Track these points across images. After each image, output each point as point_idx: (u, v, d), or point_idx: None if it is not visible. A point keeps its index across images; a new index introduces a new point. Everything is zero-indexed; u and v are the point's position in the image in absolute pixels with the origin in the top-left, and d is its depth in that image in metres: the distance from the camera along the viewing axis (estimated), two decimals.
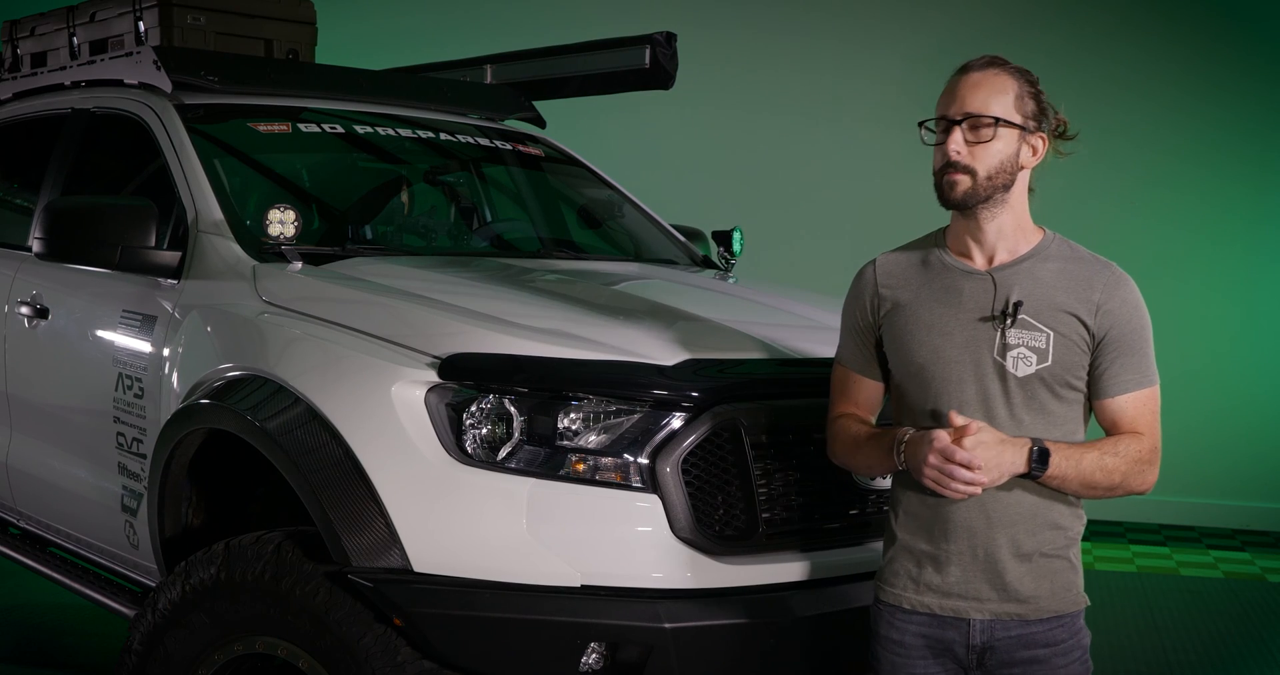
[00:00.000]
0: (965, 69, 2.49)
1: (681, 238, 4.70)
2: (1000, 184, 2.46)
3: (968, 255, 2.53)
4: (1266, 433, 7.65)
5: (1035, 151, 2.50)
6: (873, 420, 2.65)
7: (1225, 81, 7.69)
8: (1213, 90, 7.71)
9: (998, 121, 2.44)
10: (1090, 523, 2.46)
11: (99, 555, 4.13)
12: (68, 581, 4.20)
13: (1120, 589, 6.40)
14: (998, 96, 2.45)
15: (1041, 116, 2.49)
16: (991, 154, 2.44)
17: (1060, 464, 2.38)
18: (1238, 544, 7.43)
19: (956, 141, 2.44)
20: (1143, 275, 2.58)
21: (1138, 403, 2.47)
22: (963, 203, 2.46)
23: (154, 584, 3.57)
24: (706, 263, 4.59)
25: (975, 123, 2.44)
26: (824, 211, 8.13)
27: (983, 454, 2.34)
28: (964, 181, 2.44)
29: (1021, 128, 2.46)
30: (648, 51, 4.71)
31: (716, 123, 8.32)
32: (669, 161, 8.23)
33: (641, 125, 8.09)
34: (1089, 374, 2.47)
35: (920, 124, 2.51)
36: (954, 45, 7.74)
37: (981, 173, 2.44)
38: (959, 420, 2.36)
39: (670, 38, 4.73)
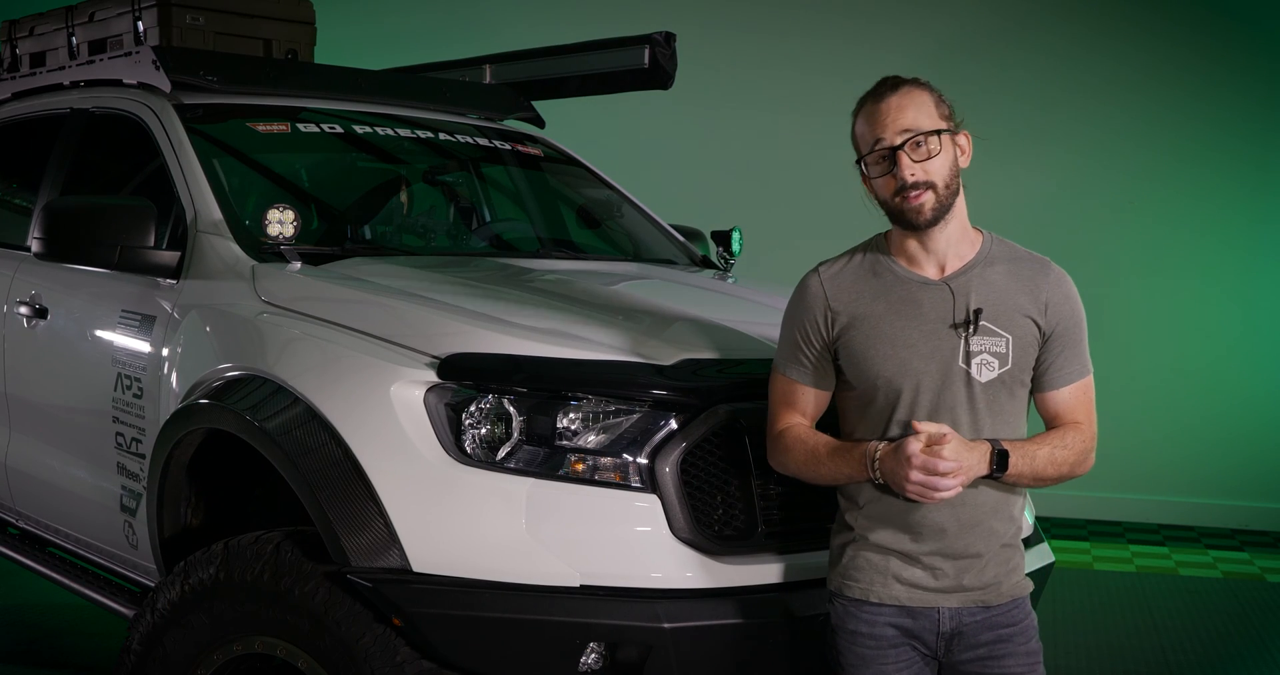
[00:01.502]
0: (876, 97, 2.54)
1: (680, 238, 4.70)
2: (955, 190, 2.53)
3: (919, 266, 2.57)
4: (1266, 433, 7.65)
5: (964, 151, 2.56)
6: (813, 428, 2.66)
7: (1225, 81, 7.69)
8: (1212, 90, 7.71)
9: (939, 133, 2.49)
10: (1090, 522, 2.49)
11: (98, 555, 4.13)
12: (67, 581, 4.19)
13: (1119, 589, 6.40)
14: (924, 110, 2.51)
15: (954, 117, 2.55)
16: (941, 165, 2.50)
17: (1018, 463, 2.47)
18: (1237, 544, 7.43)
19: (907, 164, 2.48)
20: (1143, 275, 2.61)
21: (1078, 392, 2.57)
22: (935, 218, 2.51)
23: (153, 584, 3.56)
24: (705, 263, 4.59)
25: (916, 141, 2.48)
26: (824, 211, 8.08)
27: (959, 459, 2.41)
28: (930, 197, 2.49)
29: (951, 132, 2.52)
30: (647, 51, 4.71)
31: (716, 123, 8.31)
32: (668, 161, 8.22)
33: (641, 125, 8.08)
34: (1034, 369, 2.55)
35: (858, 162, 2.54)
36: (954, 45, 7.76)
37: (940, 183, 2.50)
38: (930, 428, 2.42)
39: (669, 38, 4.73)
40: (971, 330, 2.49)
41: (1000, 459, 2.45)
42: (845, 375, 2.58)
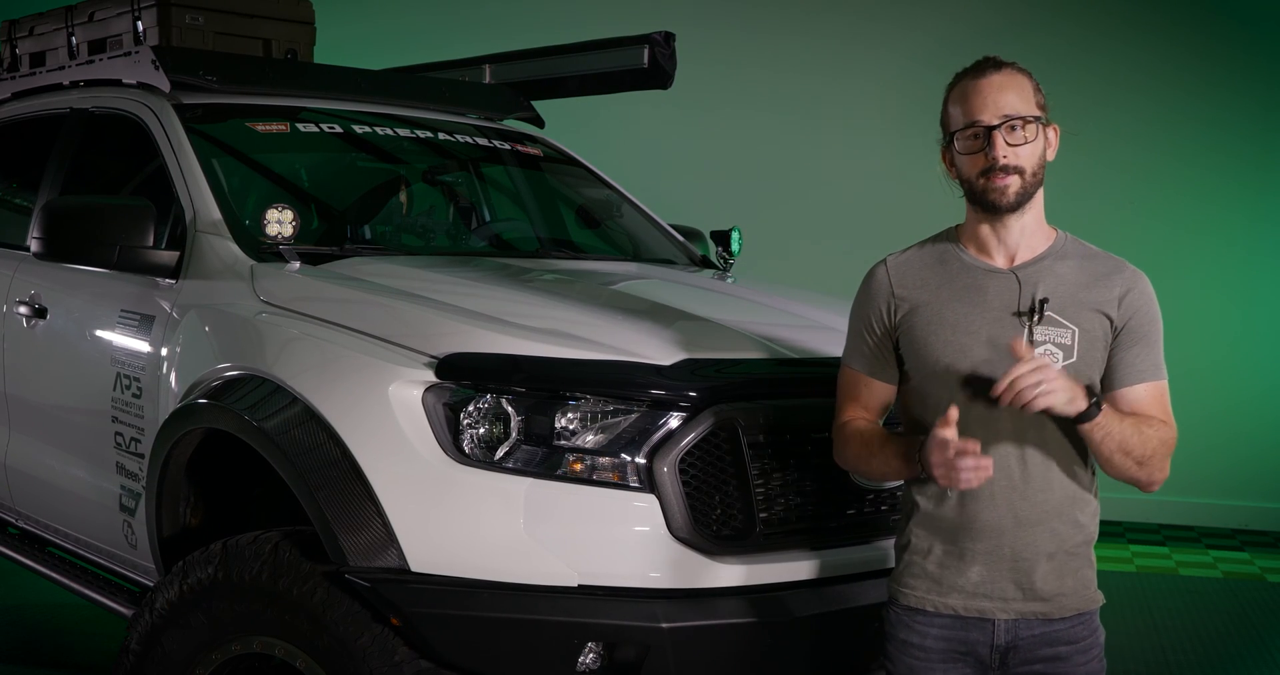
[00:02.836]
0: (979, 72, 2.48)
1: (680, 237, 4.70)
2: (1040, 180, 2.49)
3: (988, 254, 2.52)
4: (1266, 433, 7.64)
5: (1051, 144, 2.52)
6: (880, 423, 2.63)
7: (1225, 81, 7.69)
8: (1212, 90, 7.71)
9: (1038, 120, 2.46)
10: None
11: (97, 555, 4.13)
12: (66, 581, 4.20)
13: (1120, 589, 6.39)
14: (1024, 95, 2.47)
15: (1046, 107, 2.51)
16: (1032, 152, 2.46)
17: (1109, 414, 2.38)
18: (1237, 544, 7.43)
19: (1001, 146, 2.43)
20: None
21: (1154, 393, 2.49)
22: (1017, 204, 2.46)
23: (152, 584, 3.56)
24: (705, 262, 4.58)
25: (1012, 125, 2.44)
26: (823, 211, 8.13)
27: (1050, 375, 2.29)
28: (1015, 182, 2.45)
29: (1045, 122, 2.49)
30: (646, 51, 4.71)
31: (715, 123, 8.31)
32: (668, 161, 8.23)
33: (640, 125, 8.09)
34: (1106, 366, 2.48)
35: (952, 134, 2.49)
36: (954, 45, 7.75)
37: (1028, 170, 2.46)
38: (951, 413, 2.35)
39: (669, 37, 4.73)
40: (1036, 319, 2.43)
41: (1097, 401, 2.34)
42: (906, 365, 2.54)
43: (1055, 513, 2.46)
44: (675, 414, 2.78)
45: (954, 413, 2.35)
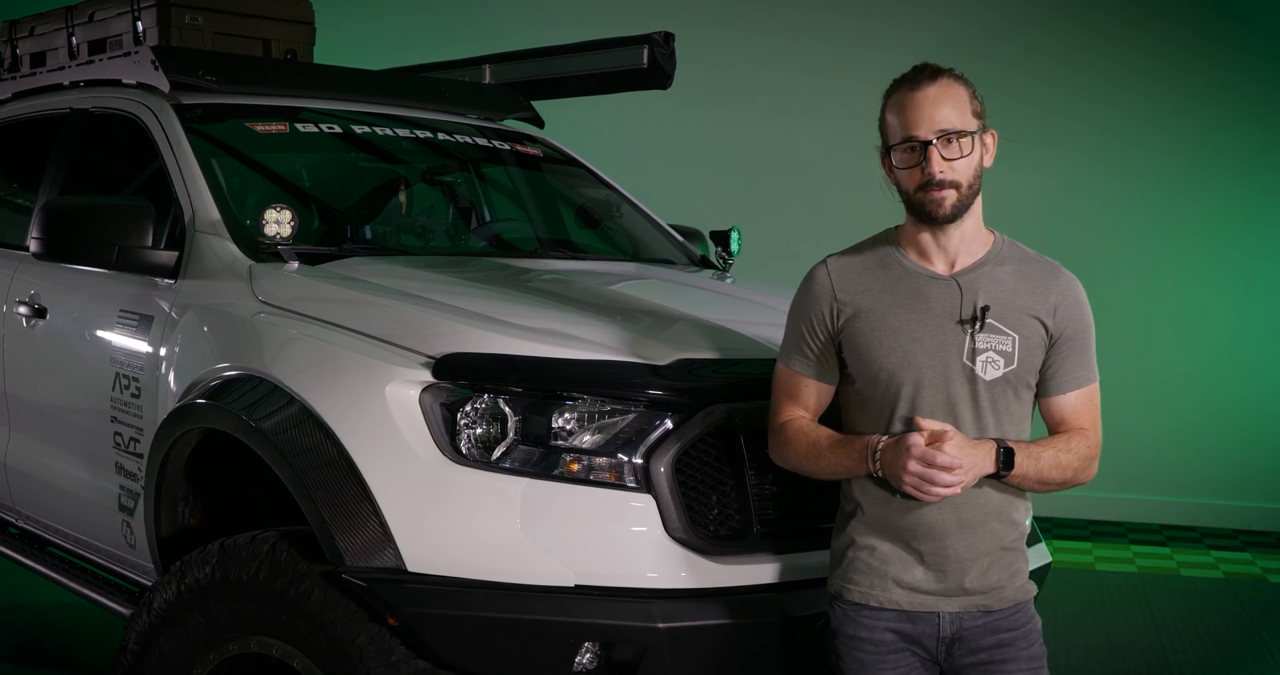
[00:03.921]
0: (914, 83, 2.49)
1: (679, 238, 4.70)
2: (977, 190, 2.51)
3: (928, 260, 2.55)
4: (1266, 433, 7.64)
5: (989, 150, 2.54)
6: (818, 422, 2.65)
7: (1225, 82, 7.68)
8: (1212, 90, 7.70)
9: (972, 134, 2.47)
10: (1091, 523, 2.50)
11: (97, 555, 4.14)
12: (66, 581, 4.20)
13: (1121, 589, 6.39)
14: (959, 107, 2.48)
15: (983, 113, 2.52)
16: (968, 165, 2.49)
17: (1023, 463, 2.46)
18: (1238, 544, 7.42)
19: (937, 161, 2.45)
20: (1143, 276, 2.61)
21: (1084, 399, 2.56)
22: (954, 216, 2.49)
23: (150, 583, 3.56)
24: (704, 263, 4.58)
25: (949, 138, 2.46)
26: (823, 211, 8.12)
27: (961, 457, 2.39)
28: (952, 195, 2.48)
29: (981, 132, 2.50)
30: (646, 51, 4.71)
31: (714, 123, 8.31)
32: (667, 161, 8.22)
33: (640, 125, 8.08)
34: (1040, 372, 2.54)
35: (888, 149, 2.51)
36: (954, 45, 7.76)
37: (964, 183, 2.48)
38: (931, 425, 2.41)
39: (668, 37, 4.73)
40: (978, 327, 2.47)
41: (1006, 457, 2.44)
42: (848, 368, 2.57)
43: (995, 513, 2.52)
44: (672, 414, 2.78)
45: (932, 424, 2.41)
